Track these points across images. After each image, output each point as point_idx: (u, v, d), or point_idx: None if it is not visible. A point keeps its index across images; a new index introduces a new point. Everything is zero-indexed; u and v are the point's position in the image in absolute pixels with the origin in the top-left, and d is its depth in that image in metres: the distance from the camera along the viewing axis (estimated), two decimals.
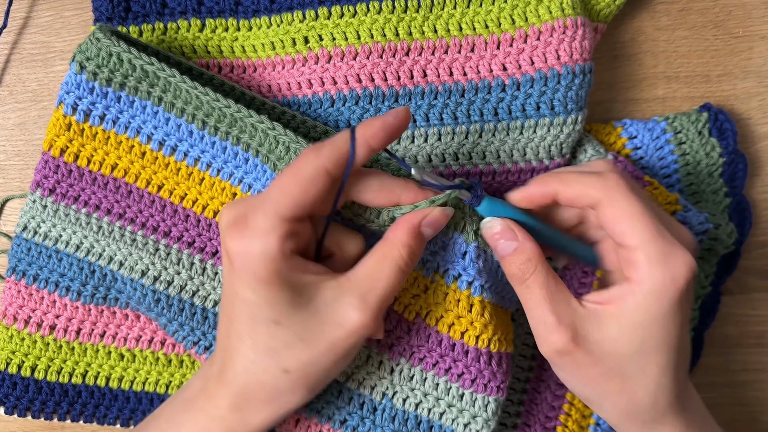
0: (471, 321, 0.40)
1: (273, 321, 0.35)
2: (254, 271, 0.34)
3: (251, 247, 0.34)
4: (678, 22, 0.51)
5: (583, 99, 0.45)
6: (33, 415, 0.46)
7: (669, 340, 0.35)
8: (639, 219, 0.34)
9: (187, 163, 0.44)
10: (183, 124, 0.43)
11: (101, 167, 0.44)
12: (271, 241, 0.34)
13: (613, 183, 0.35)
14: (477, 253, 0.39)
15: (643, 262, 0.34)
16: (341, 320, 0.35)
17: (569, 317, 0.35)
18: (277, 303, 0.35)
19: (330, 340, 0.35)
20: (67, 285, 0.45)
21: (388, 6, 0.45)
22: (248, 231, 0.34)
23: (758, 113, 0.51)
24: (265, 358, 0.36)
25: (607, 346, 0.35)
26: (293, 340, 0.35)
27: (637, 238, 0.34)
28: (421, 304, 0.41)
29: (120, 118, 0.44)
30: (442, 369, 0.41)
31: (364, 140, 0.35)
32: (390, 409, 0.42)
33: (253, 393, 0.36)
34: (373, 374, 0.42)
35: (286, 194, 0.34)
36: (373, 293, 0.35)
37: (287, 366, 0.36)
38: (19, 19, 0.51)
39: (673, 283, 0.34)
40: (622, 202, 0.35)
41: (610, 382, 0.36)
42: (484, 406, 0.41)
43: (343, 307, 0.35)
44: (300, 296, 0.35)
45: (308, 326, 0.35)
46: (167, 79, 0.42)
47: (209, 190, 0.44)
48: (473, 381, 0.41)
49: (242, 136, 0.42)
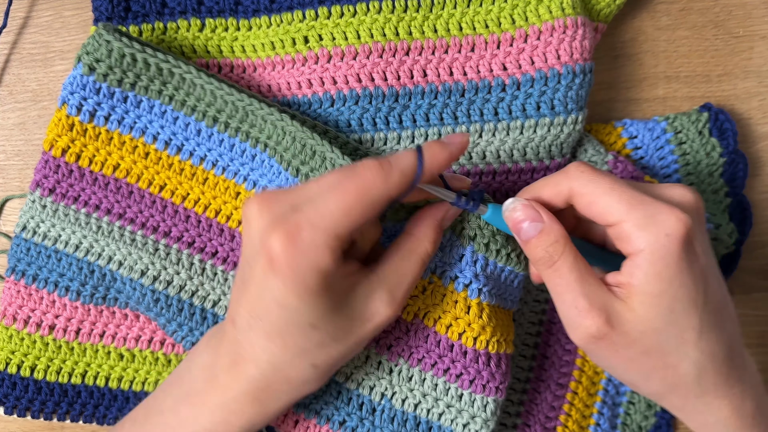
0: (469, 322, 0.40)
1: (310, 325, 0.34)
2: (304, 281, 0.33)
3: (304, 260, 0.32)
4: (678, 21, 0.51)
5: (584, 99, 0.45)
6: (33, 415, 0.46)
7: (695, 298, 0.34)
8: (610, 193, 0.34)
9: (192, 162, 0.44)
10: (191, 122, 0.43)
11: (103, 167, 0.44)
12: (327, 257, 0.32)
13: (574, 171, 0.36)
14: (474, 256, 0.39)
15: (632, 231, 0.34)
16: (371, 315, 0.36)
17: (601, 299, 0.35)
18: (319, 309, 0.34)
19: (359, 335, 0.36)
20: (67, 285, 0.45)
21: (388, 6, 0.45)
22: (302, 244, 0.32)
23: (758, 113, 0.51)
24: (295, 358, 0.36)
25: (640, 324, 0.34)
26: (327, 341, 0.35)
27: (615, 211, 0.34)
28: (419, 305, 0.41)
29: (125, 118, 0.44)
30: (441, 369, 0.41)
31: (429, 170, 0.34)
32: (389, 410, 0.42)
33: (277, 386, 0.36)
34: (371, 375, 0.42)
35: (347, 215, 0.32)
36: (400, 288, 0.36)
37: (316, 362, 0.36)
38: (19, 18, 0.51)
39: (670, 239, 0.33)
40: (590, 184, 0.35)
41: (651, 359, 0.35)
42: (483, 407, 0.41)
43: (374, 303, 0.36)
44: (339, 300, 0.35)
45: (342, 326, 0.35)
46: (182, 76, 0.42)
47: (212, 190, 0.44)
48: (471, 381, 0.41)
49: (252, 131, 0.42)
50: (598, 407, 0.48)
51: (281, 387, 0.36)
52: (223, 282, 0.44)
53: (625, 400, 0.49)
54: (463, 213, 0.40)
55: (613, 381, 0.49)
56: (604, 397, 0.49)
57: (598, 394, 0.49)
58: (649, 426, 0.48)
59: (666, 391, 0.37)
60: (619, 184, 0.35)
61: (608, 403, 0.48)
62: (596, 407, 0.49)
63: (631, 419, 0.48)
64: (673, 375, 0.35)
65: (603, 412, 0.48)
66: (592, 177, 0.35)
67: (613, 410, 0.49)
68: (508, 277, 0.41)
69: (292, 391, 0.37)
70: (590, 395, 0.49)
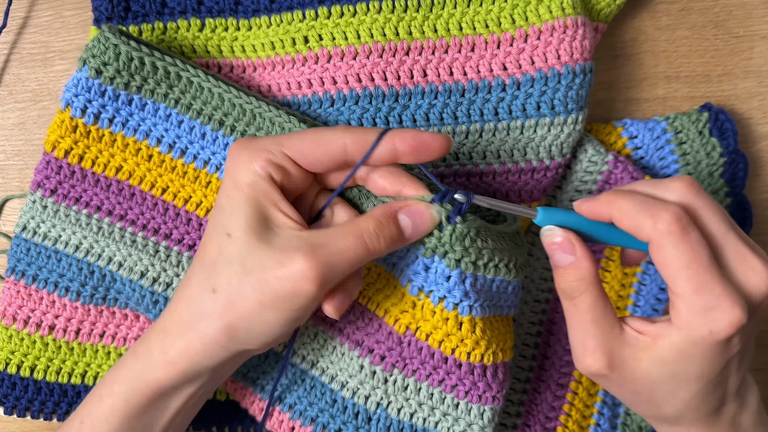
0: (462, 338, 0.39)
1: (226, 232, 0.36)
2: (235, 177, 0.36)
3: (242, 156, 0.36)
4: (678, 21, 0.51)
5: (584, 99, 0.45)
6: (32, 415, 0.46)
7: (704, 374, 0.35)
8: (684, 270, 0.33)
9: (196, 166, 0.44)
10: (197, 125, 0.43)
11: (106, 169, 0.44)
12: (261, 158, 0.36)
13: (663, 228, 0.34)
14: (462, 276, 0.38)
15: (684, 313, 0.34)
16: (283, 259, 0.34)
17: (609, 343, 0.36)
18: (237, 215, 0.35)
19: (265, 276, 0.34)
20: (67, 285, 0.45)
21: (388, 6, 0.45)
22: (251, 144, 0.37)
23: (759, 113, 0.51)
24: (201, 270, 0.36)
25: (640, 375, 0.36)
26: (234, 260, 0.35)
27: (680, 288, 0.34)
28: (409, 320, 0.40)
29: (129, 121, 0.44)
30: (436, 380, 0.41)
31: (391, 138, 0.36)
32: (385, 419, 0.42)
33: (178, 314, 0.37)
34: (366, 384, 0.42)
35: (298, 138, 0.37)
36: (325, 249, 0.34)
37: (216, 285, 0.35)
38: (19, 18, 0.51)
39: (712, 336, 0.33)
40: (670, 249, 0.34)
41: (639, 397, 0.37)
42: (479, 415, 0.41)
43: (291, 249, 0.34)
44: (261, 225, 0.35)
45: (253, 254, 0.35)
46: (189, 79, 0.42)
47: (214, 193, 0.44)
48: (467, 392, 0.40)
49: (258, 134, 0.42)
50: (598, 407, 0.48)
51: (182, 315, 0.37)
52: None
53: None
54: (449, 240, 0.37)
55: None
56: (604, 397, 0.49)
57: (598, 394, 0.49)
58: (649, 426, 0.48)
59: (647, 416, 0.39)
60: (698, 259, 0.33)
61: (608, 404, 0.48)
62: (596, 407, 0.49)
63: (631, 420, 0.48)
64: (656, 411, 0.38)
65: (603, 412, 0.48)
66: (677, 243, 0.34)
67: (613, 410, 0.49)
68: (500, 286, 0.40)
69: (188, 323, 0.36)
70: (590, 395, 0.49)
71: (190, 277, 0.37)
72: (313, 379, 0.44)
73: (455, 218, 0.37)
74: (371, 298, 0.42)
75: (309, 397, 0.43)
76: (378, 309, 0.41)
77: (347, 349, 0.42)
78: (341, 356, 0.43)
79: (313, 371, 0.44)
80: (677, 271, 0.34)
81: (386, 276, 0.41)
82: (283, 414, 0.44)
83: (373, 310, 0.42)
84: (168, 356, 0.37)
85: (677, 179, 0.36)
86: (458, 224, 0.37)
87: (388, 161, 0.37)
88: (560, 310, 0.49)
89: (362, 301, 0.42)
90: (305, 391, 0.44)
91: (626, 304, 0.48)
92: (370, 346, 0.42)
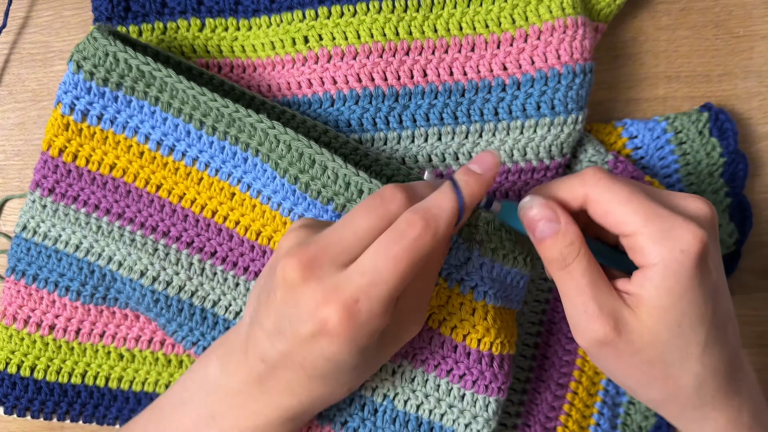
0: (474, 324, 0.40)
1: (356, 368, 0.35)
2: (359, 343, 0.33)
3: (363, 329, 0.32)
4: (679, 21, 0.51)
5: (584, 98, 0.45)
6: (32, 414, 0.46)
7: (703, 314, 0.34)
8: (627, 204, 0.34)
9: (186, 163, 0.44)
10: (180, 123, 0.43)
11: (99, 167, 0.44)
12: (384, 320, 0.33)
13: (591, 178, 0.35)
14: (480, 260, 0.39)
15: (647, 244, 0.33)
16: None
17: (611, 305, 0.34)
18: (365, 356, 0.35)
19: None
20: (67, 285, 0.45)
21: (388, 5, 0.45)
22: (361, 316, 0.32)
23: (759, 113, 0.51)
24: (336, 390, 0.37)
25: (647, 334, 0.34)
26: (365, 372, 0.38)
27: (631, 223, 0.34)
28: None
29: (117, 118, 0.43)
30: (444, 370, 0.41)
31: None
32: (391, 411, 0.42)
33: (313, 411, 0.38)
34: (375, 376, 0.42)
35: (401, 279, 0.32)
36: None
37: (353, 388, 0.38)
38: (19, 18, 0.51)
39: (684, 255, 0.33)
40: (606, 193, 0.34)
41: (653, 369, 0.35)
42: (485, 406, 0.41)
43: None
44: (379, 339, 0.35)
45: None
46: (163, 80, 0.42)
47: (207, 190, 0.44)
48: (474, 382, 0.41)
49: (241, 136, 0.42)
50: (598, 407, 0.48)
51: (316, 411, 0.38)
52: (223, 282, 0.44)
53: (625, 400, 0.49)
54: (469, 220, 0.39)
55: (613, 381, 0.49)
56: (604, 397, 0.49)
57: (599, 394, 0.49)
58: (649, 426, 0.48)
59: (664, 399, 0.37)
60: (636, 195, 0.34)
61: (608, 403, 0.48)
62: (596, 407, 0.49)
63: (631, 419, 0.48)
64: (674, 386, 0.36)
65: (603, 412, 0.48)
66: (609, 185, 0.34)
67: (614, 410, 0.49)
68: (514, 278, 0.41)
69: (323, 408, 0.39)
70: (590, 395, 0.49)
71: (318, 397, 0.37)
72: None
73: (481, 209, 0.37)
74: None
75: None
76: None
77: None
78: None
79: None
80: (621, 209, 0.34)
81: None
82: None
83: None
84: None
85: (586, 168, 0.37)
86: (483, 213, 0.37)
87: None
88: (560, 309, 0.49)
89: None
90: None
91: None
92: None
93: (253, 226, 0.44)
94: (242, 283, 0.44)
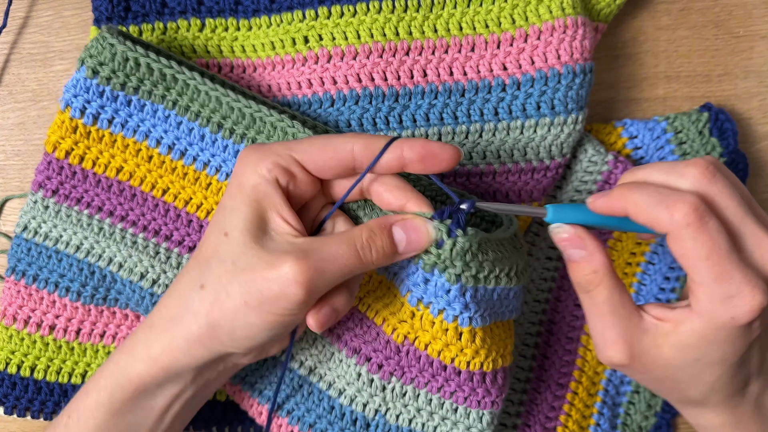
0: (461, 348, 0.39)
1: (223, 231, 0.36)
2: (240, 179, 0.36)
3: (251, 159, 0.36)
4: (679, 21, 0.51)
5: (584, 98, 0.45)
6: (32, 415, 0.46)
7: (726, 358, 0.35)
8: (704, 261, 0.33)
9: (196, 167, 0.44)
10: (195, 127, 0.43)
11: (106, 170, 0.44)
12: (269, 161, 0.36)
13: (680, 219, 0.33)
14: (462, 289, 0.37)
15: (705, 301, 0.34)
16: (274, 261, 0.34)
17: (629, 333, 0.36)
18: (237, 215, 0.36)
19: (254, 276, 0.34)
20: (67, 285, 0.45)
21: (388, 5, 0.45)
22: (260, 147, 0.37)
23: (759, 113, 0.51)
24: (194, 266, 0.37)
25: (662, 362, 0.36)
26: (226, 259, 0.35)
27: (700, 278, 0.34)
28: (408, 330, 0.40)
29: (128, 122, 0.43)
30: (435, 387, 0.40)
31: (399, 146, 0.36)
32: (383, 425, 0.42)
33: (166, 309, 0.37)
34: (364, 391, 0.42)
35: (308, 143, 0.37)
36: (316, 254, 0.34)
37: (205, 281, 0.36)
38: (19, 18, 0.51)
39: (733, 322, 0.33)
40: (689, 241, 0.33)
41: (663, 383, 0.38)
42: (478, 418, 0.40)
43: (282, 253, 0.34)
44: (259, 228, 0.36)
45: (246, 254, 0.35)
46: (186, 82, 0.42)
47: (215, 195, 0.44)
48: (466, 398, 0.40)
49: (259, 137, 0.42)
50: (598, 407, 0.49)
51: (170, 310, 0.37)
52: None
53: (625, 400, 0.49)
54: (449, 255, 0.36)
55: (613, 381, 0.49)
56: (604, 397, 0.49)
57: (598, 394, 0.49)
58: (649, 426, 0.48)
59: (670, 399, 0.40)
60: (717, 249, 0.33)
61: (608, 404, 0.49)
62: (596, 407, 0.49)
63: (631, 419, 0.49)
64: (680, 395, 0.38)
65: (603, 412, 0.48)
66: (695, 235, 0.33)
67: (613, 410, 0.49)
68: (501, 294, 0.39)
69: (172, 318, 0.37)
70: (590, 395, 0.49)
71: (183, 273, 0.37)
72: (311, 385, 0.44)
73: (455, 231, 0.36)
74: (371, 306, 0.42)
75: (307, 403, 0.43)
76: (377, 317, 0.41)
77: (345, 356, 0.42)
78: (339, 363, 0.43)
79: (311, 377, 0.44)
80: (697, 262, 0.34)
81: (387, 284, 0.41)
82: (282, 419, 0.44)
83: (371, 318, 0.41)
84: (151, 351, 0.37)
85: (691, 164, 0.35)
86: (459, 238, 0.36)
87: (395, 169, 0.37)
88: (560, 309, 0.49)
89: (362, 308, 0.42)
90: (303, 396, 0.44)
91: (631, 281, 0.48)
92: (367, 354, 0.41)
93: None
94: None
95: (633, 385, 0.49)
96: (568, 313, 0.48)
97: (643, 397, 0.48)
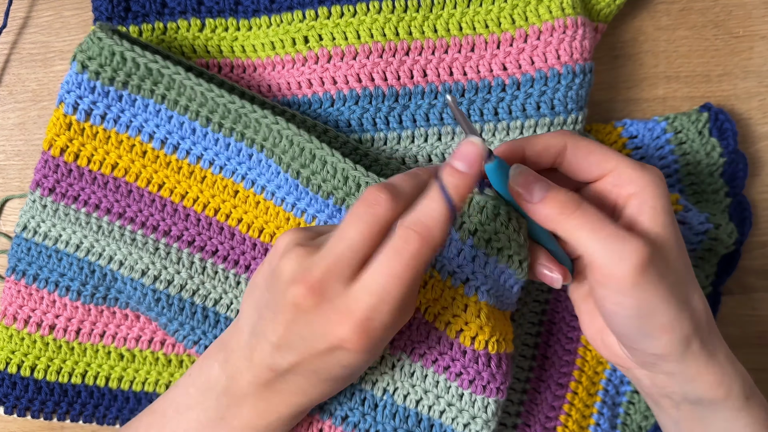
0: (466, 321, 0.40)
1: (365, 367, 0.39)
2: (374, 351, 0.36)
3: (375, 341, 0.34)
4: (678, 21, 0.51)
5: (584, 99, 0.45)
6: (32, 414, 0.46)
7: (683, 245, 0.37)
8: (602, 147, 0.37)
9: (189, 161, 0.44)
10: (186, 121, 0.43)
11: (101, 166, 0.44)
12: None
13: (565, 132, 0.37)
14: (473, 251, 0.39)
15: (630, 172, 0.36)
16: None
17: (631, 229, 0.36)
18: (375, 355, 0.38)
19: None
20: (67, 285, 0.45)
21: (388, 6, 0.45)
22: (374, 332, 0.34)
23: (758, 113, 0.51)
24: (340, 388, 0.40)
25: (668, 247, 0.36)
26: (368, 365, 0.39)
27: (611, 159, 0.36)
28: (420, 300, 0.41)
29: (121, 117, 0.44)
30: (441, 366, 0.41)
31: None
32: (391, 406, 0.42)
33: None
34: (374, 369, 0.42)
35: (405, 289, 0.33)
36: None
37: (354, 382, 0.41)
38: (19, 18, 0.51)
39: (662, 180, 0.36)
40: (584, 140, 0.37)
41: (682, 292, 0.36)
42: (483, 407, 0.41)
43: None
44: None
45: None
46: (171, 77, 0.42)
47: (210, 188, 0.44)
48: (471, 382, 0.41)
49: (246, 132, 0.42)
50: (598, 407, 0.49)
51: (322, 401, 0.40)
52: (224, 280, 0.44)
53: (625, 400, 0.49)
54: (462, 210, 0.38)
55: (613, 381, 0.49)
56: (604, 397, 0.49)
57: (598, 394, 0.49)
58: (649, 426, 0.48)
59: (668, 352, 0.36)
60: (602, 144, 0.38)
61: (608, 403, 0.48)
62: (596, 407, 0.49)
63: (631, 419, 0.48)
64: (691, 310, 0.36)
65: (603, 412, 0.48)
66: (582, 136, 0.38)
67: (613, 410, 0.49)
68: (507, 281, 0.40)
69: None
70: (590, 395, 0.49)
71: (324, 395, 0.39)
72: None
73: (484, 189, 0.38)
74: None
75: None
76: None
77: None
78: None
79: None
80: (600, 150, 0.37)
81: None
82: None
83: None
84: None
85: None
86: (476, 196, 0.37)
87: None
88: (560, 309, 0.49)
89: None
90: None
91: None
92: None
93: (255, 223, 0.44)
94: (243, 281, 0.44)
95: (633, 385, 0.49)
96: (568, 313, 0.48)
97: (643, 397, 0.48)
